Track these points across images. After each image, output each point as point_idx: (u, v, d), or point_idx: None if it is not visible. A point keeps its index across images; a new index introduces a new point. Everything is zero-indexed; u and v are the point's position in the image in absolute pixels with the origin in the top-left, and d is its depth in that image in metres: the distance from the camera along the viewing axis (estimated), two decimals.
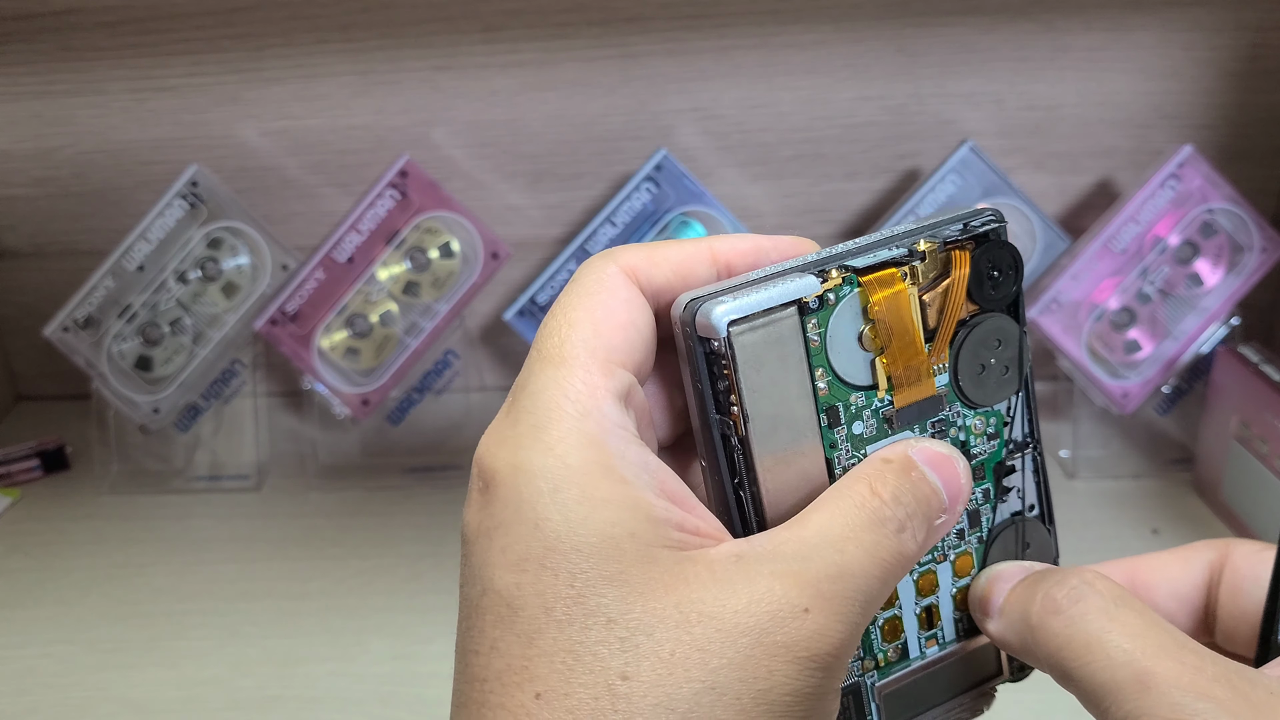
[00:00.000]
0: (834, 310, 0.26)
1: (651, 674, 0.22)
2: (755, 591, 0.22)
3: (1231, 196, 0.66)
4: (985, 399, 0.29)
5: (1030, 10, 0.69)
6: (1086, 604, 0.25)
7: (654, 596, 0.22)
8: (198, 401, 0.71)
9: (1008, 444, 0.29)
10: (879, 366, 0.27)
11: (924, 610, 0.29)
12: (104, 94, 0.73)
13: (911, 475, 0.26)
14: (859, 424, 0.27)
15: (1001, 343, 0.28)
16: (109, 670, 0.57)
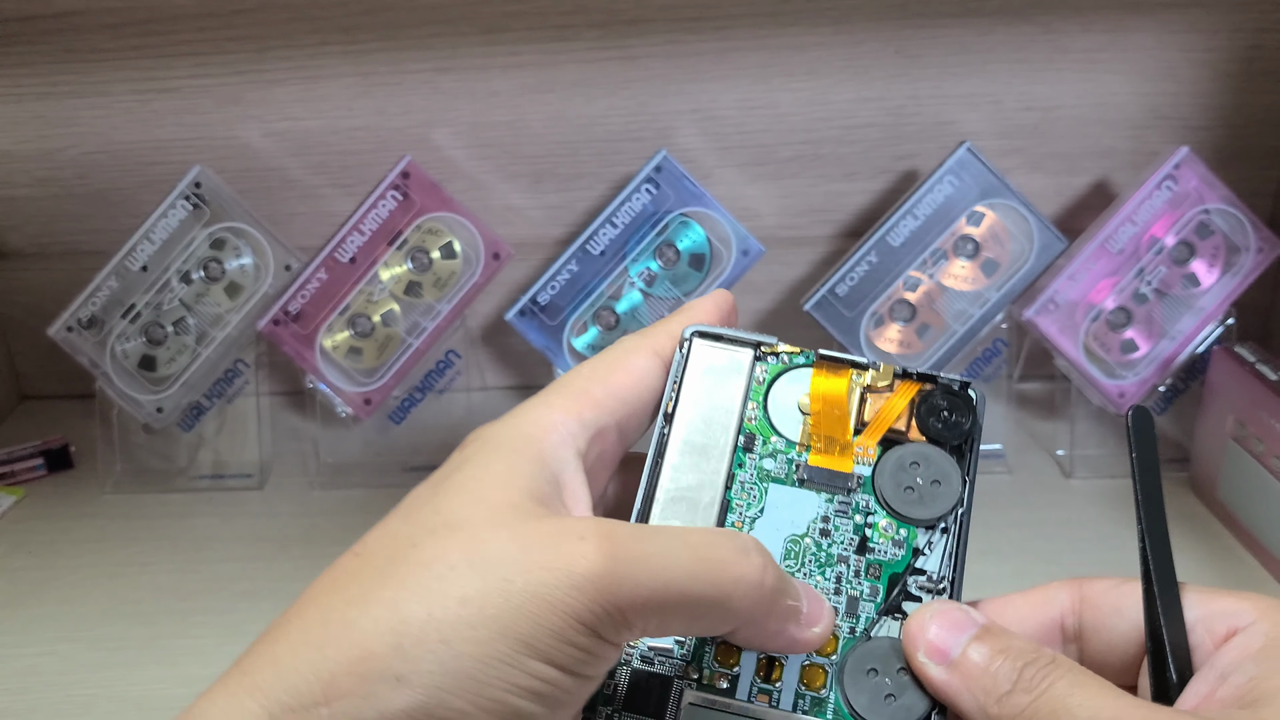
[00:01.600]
0: (786, 369, 0.32)
1: (436, 549, 0.25)
2: (564, 532, 0.25)
3: (1228, 197, 0.66)
4: (904, 511, 0.31)
5: (1028, 12, 0.70)
6: (1054, 677, 0.26)
7: (484, 521, 0.26)
8: (201, 401, 0.72)
9: (914, 568, 0.30)
10: (805, 425, 0.31)
11: (765, 659, 0.29)
12: (107, 95, 0.73)
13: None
14: (770, 461, 0.31)
15: (933, 476, 0.31)
16: (111, 668, 0.57)
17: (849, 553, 0.30)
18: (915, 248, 0.67)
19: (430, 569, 0.25)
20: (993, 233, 0.67)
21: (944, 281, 0.67)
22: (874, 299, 0.67)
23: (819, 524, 0.30)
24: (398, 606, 0.24)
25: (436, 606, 0.24)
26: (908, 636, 0.28)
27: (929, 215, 0.66)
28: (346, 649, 0.24)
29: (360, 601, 0.25)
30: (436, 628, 0.24)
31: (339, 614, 0.25)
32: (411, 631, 0.24)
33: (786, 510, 0.30)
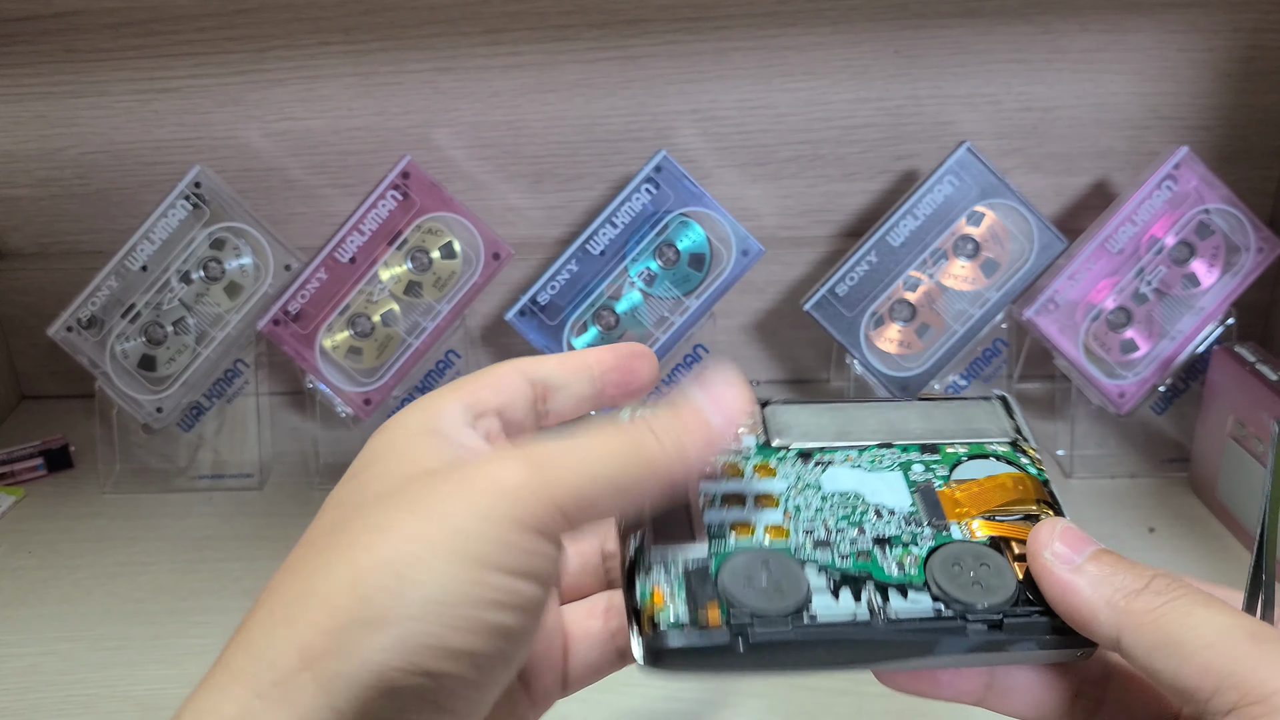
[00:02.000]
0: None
1: (376, 511, 0.26)
2: (486, 459, 0.27)
3: (1227, 197, 0.66)
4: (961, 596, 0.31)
5: (1027, 12, 0.70)
6: (1183, 590, 0.27)
7: (414, 478, 0.27)
8: (201, 401, 0.72)
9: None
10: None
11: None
12: (107, 95, 0.73)
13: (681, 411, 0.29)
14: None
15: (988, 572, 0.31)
16: (112, 668, 0.57)
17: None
18: (915, 248, 0.67)
19: (376, 527, 0.26)
20: (993, 233, 0.67)
21: (944, 281, 0.67)
22: (874, 299, 0.67)
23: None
24: (353, 562, 0.25)
25: (389, 550, 0.25)
26: (1034, 539, 0.29)
27: (929, 215, 0.66)
28: (313, 613, 0.25)
29: (318, 571, 0.26)
30: (393, 569, 0.24)
31: (300, 587, 0.26)
32: (371, 579, 0.24)
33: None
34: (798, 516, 0.32)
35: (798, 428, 0.34)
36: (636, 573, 0.30)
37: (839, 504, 0.32)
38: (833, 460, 0.33)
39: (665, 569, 0.30)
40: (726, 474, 0.33)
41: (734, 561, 0.30)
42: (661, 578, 0.29)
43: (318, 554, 0.26)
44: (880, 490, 0.32)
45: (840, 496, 0.32)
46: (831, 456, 0.33)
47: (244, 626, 0.26)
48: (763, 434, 0.34)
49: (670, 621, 0.28)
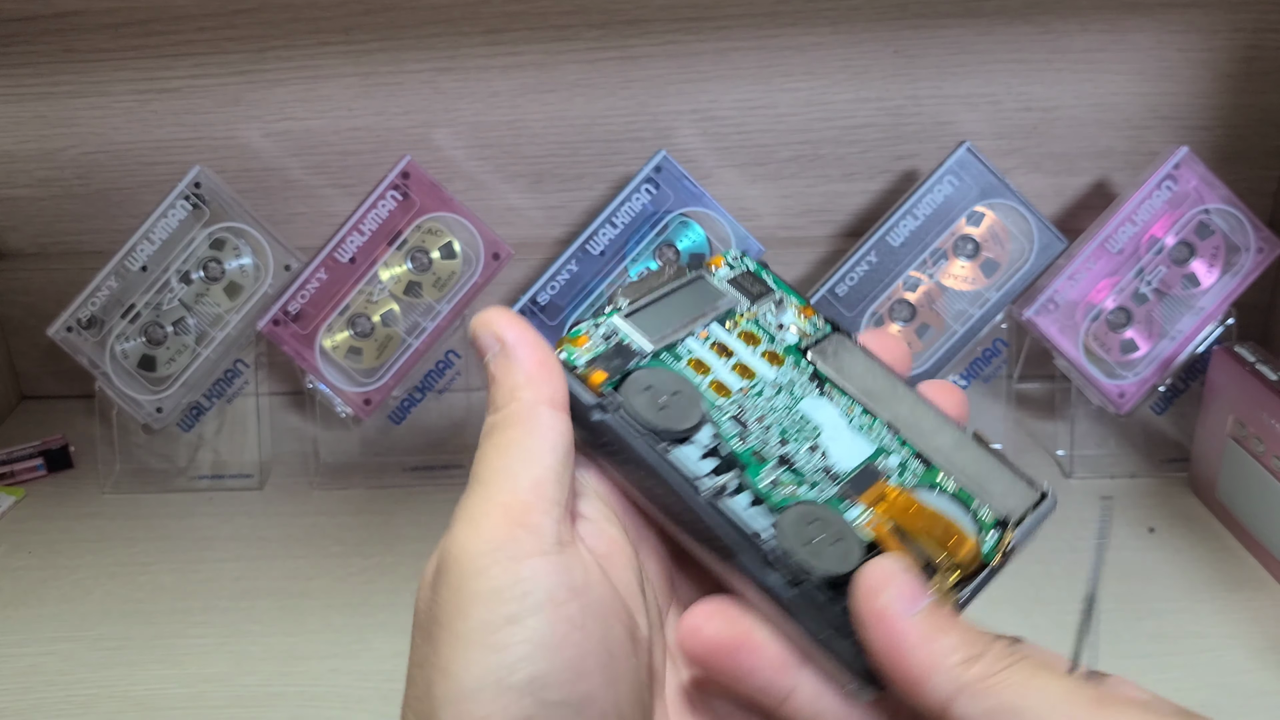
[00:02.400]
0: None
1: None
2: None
3: (1227, 197, 0.66)
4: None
5: (1027, 12, 0.70)
6: (1024, 653, 0.26)
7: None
8: (201, 401, 0.72)
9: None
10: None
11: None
12: (107, 95, 0.73)
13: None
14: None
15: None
16: (112, 668, 0.57)
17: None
18: (915, 248, 0.67)
19: (413, 666, 0.28)
20: (992, 233, 0.67)
21: (944, 281, 0.67)
22: (874, 299, 0.67)
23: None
24: (410, 703, 0.27)
25: (421, 682, 0.27)
26: (867, 575, 0.27)
27: (929, 215, 0.66)
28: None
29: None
30: (426, 693, 0.26)
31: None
32: (418, 709, 0.27)
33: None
34: (749, 397, 0.32)
35: (838, 365, 0.34)
36: (601, 310, 0.33)
37: (793, 418, 0.32)
38: (832, 397, 0.33)
39: (611, 329, 0.32)
40: (742, 335, 0.33)
41: (657, 373, 0.31)
42: (601, 331, 0.32)
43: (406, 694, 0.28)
44: (840, 442, 0.32)
45: (802, 418, 0.32)
46: (834, 394, 0.33)
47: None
48: (810, 342, 0.34)
49: (567, 359, 0.31)
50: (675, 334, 0.33)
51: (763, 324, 0.34)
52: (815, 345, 0.34)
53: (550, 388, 0.29)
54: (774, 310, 0.35)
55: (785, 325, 0.34)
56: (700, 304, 0.34)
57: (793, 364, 0.33)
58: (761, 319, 0.34)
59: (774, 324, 0.34)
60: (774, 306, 0.35)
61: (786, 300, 0.35)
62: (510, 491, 0.27)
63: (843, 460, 0.31)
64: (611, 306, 0.33)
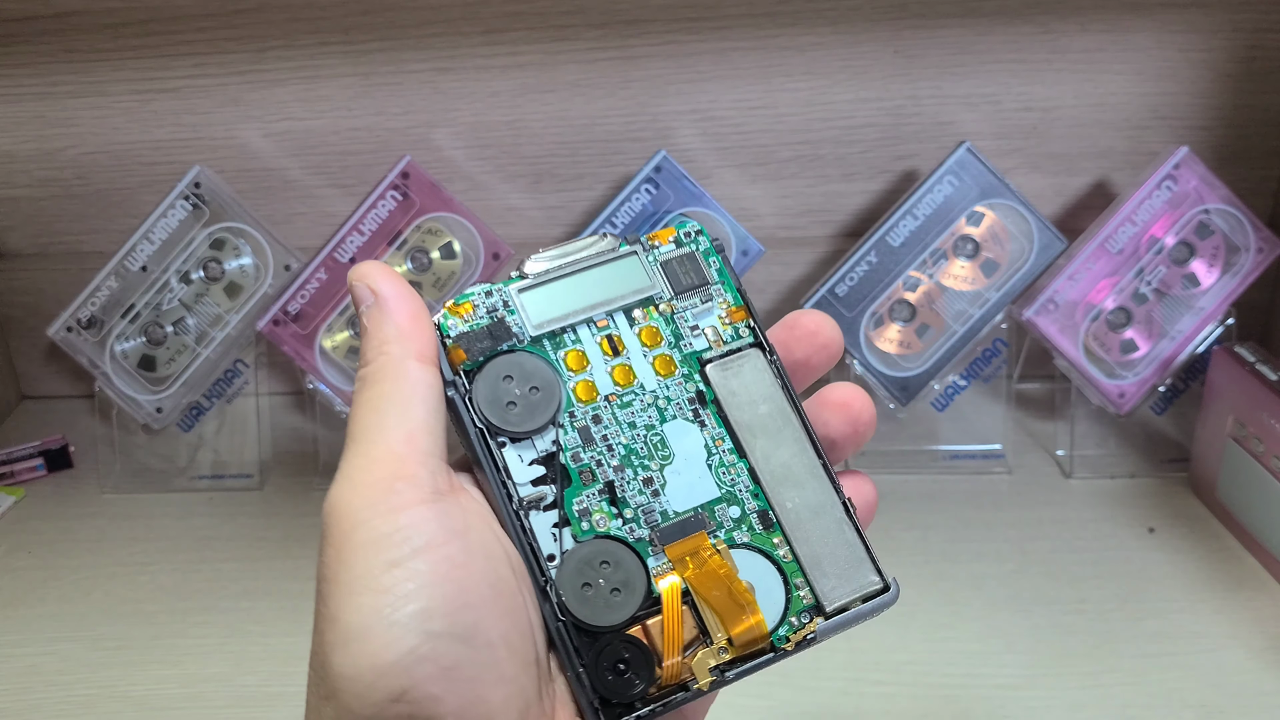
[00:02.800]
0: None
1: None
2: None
3: (1227, 197, 0.66)
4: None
5: (1027, 12, 0.70)
6: None
7: None
8: (200, 401, 0.72)
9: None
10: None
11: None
12: (107, 95, 0.73)
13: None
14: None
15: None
16: (112, 668, 0.57)
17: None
18: (915, 248, 0.67)
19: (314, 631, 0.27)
20: (992, 233, 0.67)
21: (944, 281, 0.67)
22: (874, 299, 0.67)
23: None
24: (311, 658, 0.27)
25: (316, 636, 0.27)
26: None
27: (929, 215, 0.66)
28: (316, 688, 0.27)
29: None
30: (319, 643, 0.27)
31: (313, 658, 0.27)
32: (315, 661, 0.27)
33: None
34: (613, 407, 0.30)
35: (736, 385, 0.31)
36: (499, 282, 0.31)
37: (648, 440, 0.30)
38: (704, 423, 0.31)
39: (501, 300, 0.30)
40: (644, 332, 0.31)
41: (523, 362, 0.30)
42: (490, 301, 0.30)
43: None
44: (686, 477, 0.30)
45: (660, 442, 0.30)
46: (709, 419, 0.31)
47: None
48: (717, 354, 0.31)
49: (442, 325, 0.30)
50: (570, 317, 0.31)
51: (675, 321, 0.32)
52: (720, 358, 0.31)
53: (420, 342, 0.29)
54: (697, 306, 0.32)
55: (699, 328, 0.32)
56: (618, 285, 0.31)
57: (682, 376, 0.31)
58: (677, 315, 0.32)
59: (688, 324, 0.32)
60: (699, 302, 0.32)
61: (719, 297, 0.32)
62: (384, 445, 0.28)
63: (676, 500, 0.30)
64: (516, 273, 0.31)
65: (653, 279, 0.32)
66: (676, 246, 0.32)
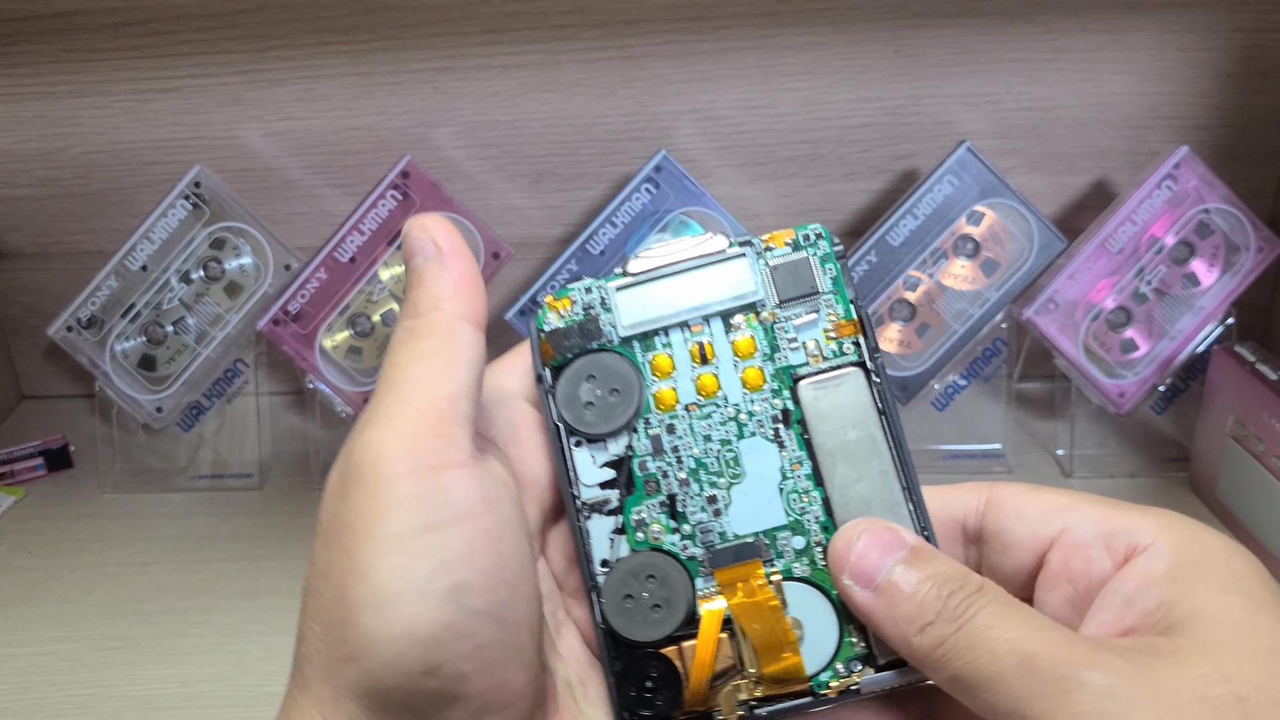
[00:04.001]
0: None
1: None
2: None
3: (1227, 197, 0.66)
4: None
5: (1027, 12, 0.70)
6: (978, 607, 0.25)
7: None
8: (201, 400, 0.72)
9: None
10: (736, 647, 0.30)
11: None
12: (107, 95, 0.73)
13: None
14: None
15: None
16: (112, 667, 0.57)
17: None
18: (915, 247, 0.67)
19: (318, 576, 0.27)
20: (992, 232, 0.67)
21: (944, 281, 0.67)
22: (874, 299, 0.67)
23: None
24: (319, 613, 0.26)
25: (332, 587, 0.26)
26: (833, 555, 0.28)
27: (929, 215, 0.66)
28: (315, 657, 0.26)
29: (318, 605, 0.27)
30: (339, 598, 0.25)
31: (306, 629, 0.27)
32: (332, 617, 0.26)
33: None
34: (690, 417, 0.30)
35: (828, 407, 0.30)
36: (603, 281, 0.30)
37: (721, 457, 0.29)
38: (785, 444, 0.29)
39: (599, 298, 0.30)
40: (740, 342, 0.30)
41: (607, 363, 0.30)
42: (588, 297, 0.30)
43: (302, 612, 0.27)
44: (753, 499, 0.29)
45: (733, 459, 0.29)
46: (790, 441, 0.30)
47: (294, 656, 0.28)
48: (815, 369, 0.30)
49: (539, 319, 0.30)
50: (664, 319, 0.30)
51: (774, 332, 0.30)
52: (817, 374, 0.30)
53: (474, 306, 0.28)
54: (801, 317, 0.30)
55: (799, 341, 0.30)
56: (721, 288, 0.30)
57: (771, 391, 0.30)
58: (777, 325, 0.30)
59: (788, 336, 0.30)
60: (804, 313, 0.30)
61: (827, 309, 0.30)
62: (428, 399, 0.27)
63: (738, 522, 0.29)
64: (620, 269, 0.30)
65: (758, 284, 0.30)
66: (793, 250, 0.30)
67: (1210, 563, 0.25)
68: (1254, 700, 0.23)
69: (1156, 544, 0.26)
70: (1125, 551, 0.27)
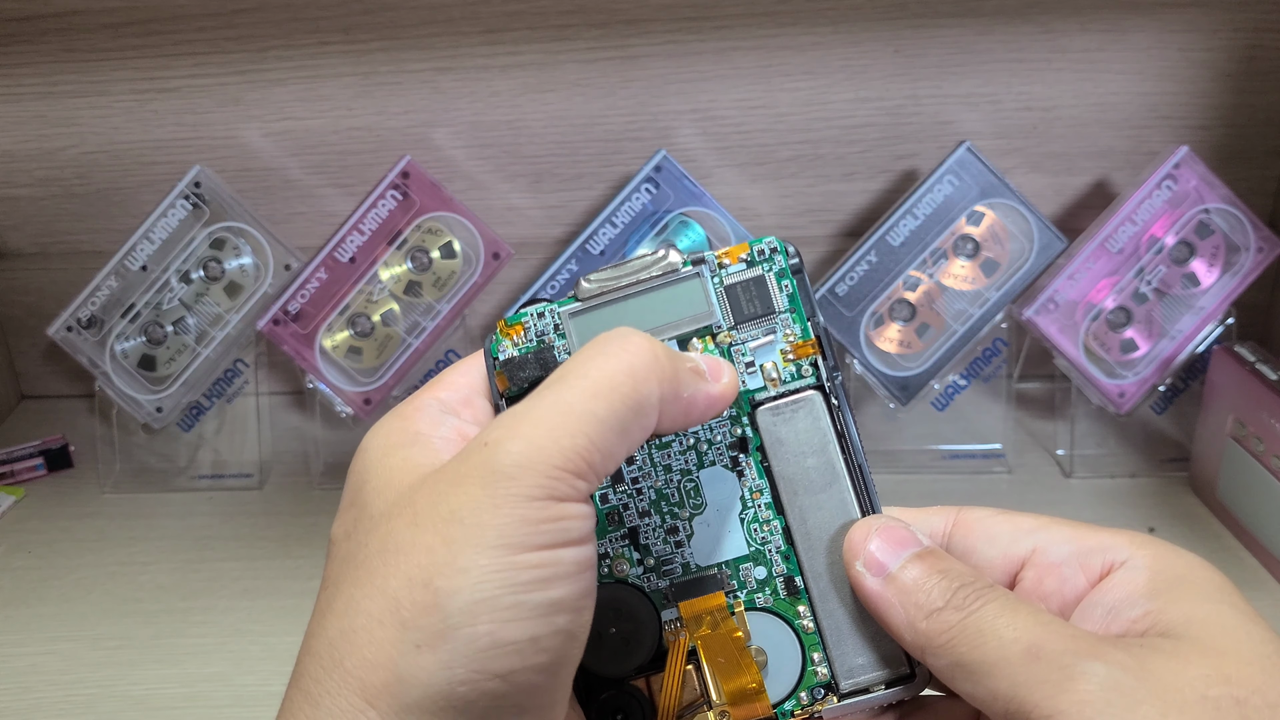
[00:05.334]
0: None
1: (387, 536, 0.26)
2: (468, 450, 0.26)
3: (1227, 197, 0.66)
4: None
5: (1027, 12, 0.70)
6: (987, 599, 0.26)
7: (409, 496, 0.26)
8: (201, 400, 0.72)
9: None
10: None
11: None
12: (107, 95, 0.73)
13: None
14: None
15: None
16: (112, 667, 0.57)
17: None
18: (915, 247, 0.67)
19: (393, 548, 0.25)
20: (992, 232, 0.67)
21: (944, 281, 0.67)
22: (874, 299, 0.67)
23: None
24: (383, 590, 0.24)
25: (413, 567, 0.24)
26: (849, 545, 0.28)
27: (929, 215, 0.66)
28: (362, 651, 0.24)
29: (350, 607, 0.25)
30: (424, 585, 0.24)
31: (338, 626, 0.25)
32: (406, 601, 0.24)
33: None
34: (653, 445, 0.29)
35: (786, 433, 0.29)
36: (564, 293, 0.30)
37: (682, 487, 0.29)
38: (744, 474, 0.29)
39: (551, 324, 0.29)
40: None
41: None
42: (542, 323, 0.29)
43: (343, 590, 0.25)
44: (715, 530, 0.29)
45: (693, 489, 0.29)
46: (750, 470, 0.29)
47: (296, 676, 0.25)
48: (772, 394, 0.29)
49: (492, 347, 0.29)
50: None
51: (731, 355, 0.29)
52: (774, 400, 0.29)
53: (657, 386, 0.27)
54: (758, 339, 0.29)
55: (756, 364, 0.29)
56: (675, 310, 0.29)
57: (729, 418, 0.29)
58: (734, 347, 0.29)
59: (745, 359, 0.29)
60: (760, 334, 0.29)
61: (784, 329, 0.29)
62: (592, 422, 0.26)
63: (700, 553, 0.29)
64: (572, 293, 0.29)
65: (712, 305, 0.29)
66: (747, 266, 0.29)
67: (1191, 576, 0.26)
68: (1253, 704, 0.23)
69: (1134, 559, 0.27)
70: (1101, 569, 0.27)
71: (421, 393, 0.29)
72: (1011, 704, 0.24)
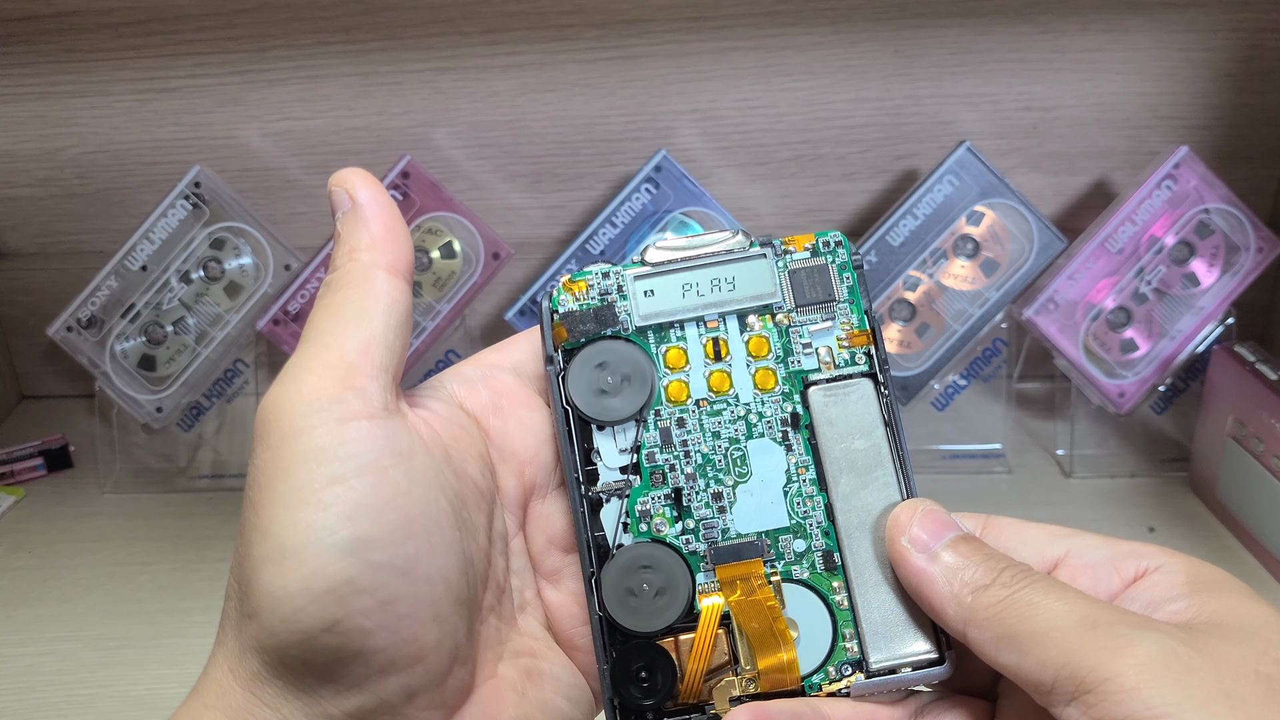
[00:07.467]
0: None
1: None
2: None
3: (1227, 197, 0.66)
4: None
5: (1027, 12, 0.70)
6: (1033, 579, 0.26)
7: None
8: (200, 400, 0.72)
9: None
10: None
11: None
12: (107, 95, 0.73)
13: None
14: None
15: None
16: (112, 667, 0.57)
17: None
18: (915, 247, 0.67)
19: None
20: (992, 232, 0.67)
21: (944, 281, 0.67)
22: (874, 299, 0.67)
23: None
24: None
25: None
26: (894, 522, 0.28)
27: (928, 215, 0.66)
28: (237, 609, 0.28)
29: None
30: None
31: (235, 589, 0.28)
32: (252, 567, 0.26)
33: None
34: (701, 413, 0.30)
35: (836, 414, 0.30)
36: (620, 268, 0.30)
37: (729, 455, 0.30)
38: (792, 448, 0.30)
39: (616, 284, 0.30)
40: (753, 341, 0.30)
41: (620, 351, 0.30)
42: (605, 283, 0.30)
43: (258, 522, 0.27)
44: (758, 500, 0.29)
45: (740, 458, 0.29)
46: (797, 445, 0.30)
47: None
48: (826, 377, 0.30)
49: (553, 300, 0.30)
50: (680, 313, 0.30)
51: (789, 335, 0.30)
52: (827, 383, 0.30)
53: (392, 253, 0.28)
54: (816, 323, 0.30)
55: (813, 346, 0.30)
56: (740, 286, 0.30)
57: (781, 394, 0.30)
58: (792, 329, 0.30)
59: (802, 340, 0.30)
60: (819, 319, 0.30)
61: (842, 317, 0.30)
62: (337, 351, 0.26)
63: (741, 520, 0.29)
64: (639, 257, 0.30)
65: (776, 286, 0.30)
66: (811, 255, 0.30)
67: (1224, 580, 0.27)
68: None
69: (1169, 565, 0.27)
70: (1135, 572, 0.28)
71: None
72: (1064, 670, 0.24)
